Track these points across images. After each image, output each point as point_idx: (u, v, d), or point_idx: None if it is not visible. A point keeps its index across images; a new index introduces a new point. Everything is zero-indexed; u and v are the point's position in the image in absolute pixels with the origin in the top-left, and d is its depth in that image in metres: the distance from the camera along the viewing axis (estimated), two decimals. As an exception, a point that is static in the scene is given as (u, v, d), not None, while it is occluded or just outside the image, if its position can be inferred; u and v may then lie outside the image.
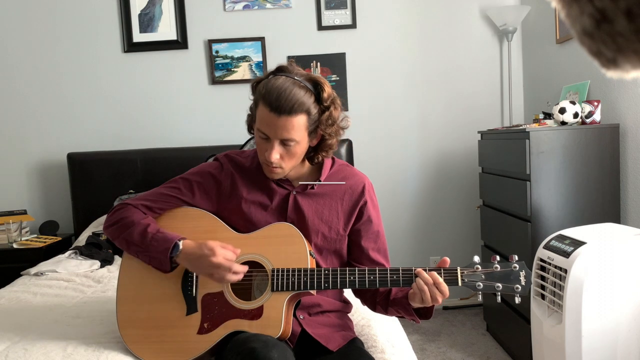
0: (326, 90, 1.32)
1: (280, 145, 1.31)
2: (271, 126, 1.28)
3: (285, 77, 1.30)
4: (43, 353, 1.41)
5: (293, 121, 1.27)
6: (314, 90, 1.31)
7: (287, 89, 1.27)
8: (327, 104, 1.31)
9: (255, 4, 3.27)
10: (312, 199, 1.41)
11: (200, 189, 1.43)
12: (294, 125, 1.28)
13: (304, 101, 1.28)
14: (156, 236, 1.34)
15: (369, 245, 1.44)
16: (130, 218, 1.39)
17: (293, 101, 1.26)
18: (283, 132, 1.28)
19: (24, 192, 3.35)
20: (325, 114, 1.32)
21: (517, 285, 1.25)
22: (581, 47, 0.39)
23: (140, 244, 1.36)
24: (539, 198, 2.24)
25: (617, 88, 2.32)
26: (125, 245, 1.40)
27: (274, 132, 1.29)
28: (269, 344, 1.19)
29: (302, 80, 1.30)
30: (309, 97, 1.29)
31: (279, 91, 1.27)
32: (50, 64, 3.29)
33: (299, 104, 1.27)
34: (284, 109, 1.26)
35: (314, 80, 1.32)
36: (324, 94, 1.30)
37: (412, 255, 3.42)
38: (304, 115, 1.28)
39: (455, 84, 3.33)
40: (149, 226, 1.36)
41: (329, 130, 1.34)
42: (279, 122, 1.27)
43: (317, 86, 1.31)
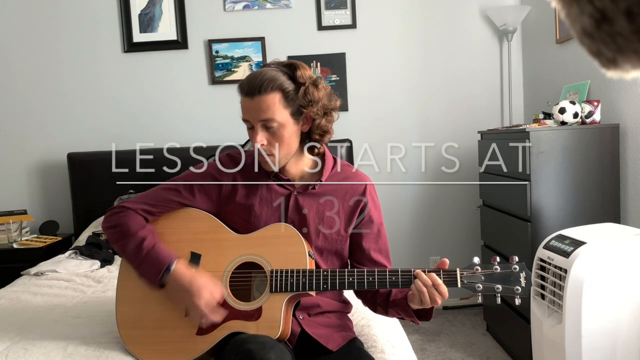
0: (301, 70, 1.33)
1: (264, 130, 1.32)
2: (248, 110, 1.31)
3: (261, 68, 1.35)
4: (43, 353, 1.41)
5: (266, 99, 1.29)
6: (289, 71, 1.33)
7: (259, 73, 1.31)
8: (302, 80, 1.32)
9: (255, 4, 3.27)
10: (313, 199, 1.41)
11: (201, 190, 1.43)
12: (268, 104, 1.29)
13: (275, 78, 1.30)
14: (150, 254, 1.34)
15: (371, 245, 1.44)
16: (128, 226, 1.38)
17: (263, 80, 1.29)
18: (260, 113, 1.30)
19: (24, 192, 3.35)
20: (301, 89, 1.32)
21: (517, 287, 1.25)
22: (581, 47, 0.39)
23: (133, 258, 1.36)
24: (539, 198, 2.24)
25: (617, 88, 2.32)
26: (120, 252, 1.41)
27: (252, 114, 1.31)
28: (267, 346, 1.19)
29: (276, 66, 1.34)
30: (282, 76, 1.31)
31: (251, 77, 1.32)
32: (50, 64, 3.29)
33: (269, 81, 1.29)
34: (254, 89, 1.29)
35: (291, 64, 1.35)
36: (298, 72, 1.32)
37: (412, 255, 3.42)
38: (278, 92, 1.30)
39: (455, 84, 3.33)
40: (145, 240, 1.35)
41: (314, 109, 1.33)
42: (253, 104, 1.30)
43: (292, 67, 1.34)
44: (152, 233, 1.40)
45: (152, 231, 1.40)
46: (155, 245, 1.35)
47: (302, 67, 1.34)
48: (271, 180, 1.42)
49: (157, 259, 1.33)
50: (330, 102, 1.38)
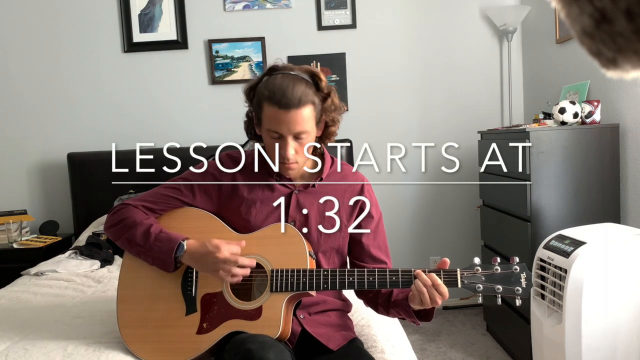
0: (323, 79, 1.36)
1: (294, 140, 1.33)
2: (283, 123, 1.30)
3: (282, 75, 1.33)
4: (43, 353, 1.41)
5: (302, 113, 1.30)
6: (312, 81, 1.34)
7: (289, 84, 1.30)
8: (326, 91, 1.35)
9: (255, 4, 3.27)
10: (313, 197, 1.42)
11: (201, 189, 1.43)
12: (304, 117, 1.31)
13: (307, 92, 1.31)
14: (159, 236, 1.35)
15: (370, 242, 1.45)
16: (132, 218, 1.39)
17: (298, 94, 1.29)
18: (295, 126, 1.31)
19: (24, 192, 3.35)
20: (327, 101, 1.36)
21: (517, 288, 1.24)
22: (581, 47, 0.39)
23: (143, 245, 1.36)
24: (539, 198, 2.24)
25: (617, 88, 2.32)
26: (127, 245, 1.40)
27: (287, 128, 1.31)
28: (266, 345, 1.19)
29: (298, 74, 1.34)
30: (310, 88, 1.32)
31: (282, 88, 1.29)
32: (50, 64, 3.29)
33: (304, 95, 1.30)
34: (292, 104, 1.29)
35: (309, 72, 1.36)
36: (322, 83, 1.35)
37: (412, 255, 3.42)
38: (310, 105, 1.32)
39: (455, 84, 3.33)
40: (152, 226, 1.37)
41: (331, 117, 1.39)
42: (289, 117, 1.30)
43: (314, 77, 1.35)
44: (156, 222, 1.41)
45: (155, 220, 1.41)
46: (162, 230, 1.37)
47: (322, 75, 1.37)
48: (272, 179, 1.42)
49: (168, 240, 1.34)
50: (342, 107, 1.43)
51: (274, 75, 1.33)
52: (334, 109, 1.39)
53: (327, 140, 1.44)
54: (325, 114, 1.37)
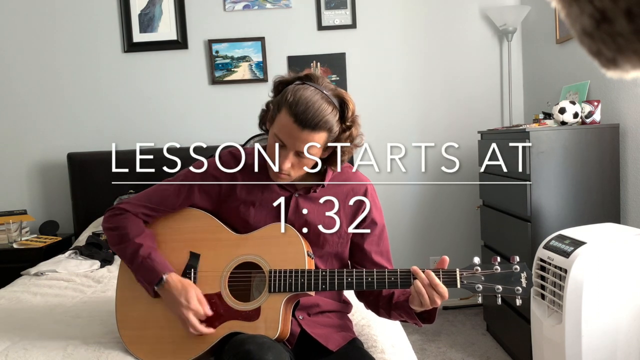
0: (350, 108, 1.30)
1: (295, 156, 1.30)
2: (291, 137, 1.27)
3: (314, 89, 1.27)
4: (43, 353, 1.41)
5: (314, 137, 1.26)
6: (339, 108, 1.29)
7: (315, 103, 1.24)
8: (349, 123, 1.30)
9: (255, 4, 3.27)
10: (314, 202, 1.40)
11: (200, 189, 1.42)
12: (315, 140, 1.26)
13: (329, 119, 1.26)
14: (145, 262, 1.35)
15: (372, 248, 1.43)
16: (126, 231, 1.39)
17: (319, 118, 1.24)
18: (302, 145, 1.27)
19: (24, 192, 3.35)
20: (346, 133, 1.30)
21: (517, 287, 1.23)
22: (581, 47, 0.39)
23: (130, 263, 1.39)
24: (539, 198, 2.24)
25: (617, 88, 2.32)
26: (119, 254, 1.43)
27: (293, 143, 1.27)
28: (265, 346, 1.18)
29: (329, 95, 1.28)
30: (334, 116, 1.27)
31: (307, 104, 1.24)
32: (50, 64, 3.29)
33: (324, 121, 1.25)
34: (309, 124, 1.24)
35: (341, 97, 1.30)
36: (348, 113, 1.29)
37: (412, 255, 3.42)
38: (326, 132, 1.27)
39: (455, 84, 3.33)
40: (141, 248, 1.36)
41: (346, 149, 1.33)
42: (301, 135, 1.25)
43: (343, 104, 1.29)
44: (150, 238, 1.40)
45: (150, 236, 1.40)
46: (150, 254, 1.36)
47: (351, 103, 1.30)
48: (272, 181, 1.41)
49: (151, 269, 1.35)
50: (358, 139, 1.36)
51: (307, 86, 1.28)
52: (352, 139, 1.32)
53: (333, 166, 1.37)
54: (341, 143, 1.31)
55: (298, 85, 1.29)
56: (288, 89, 1.29)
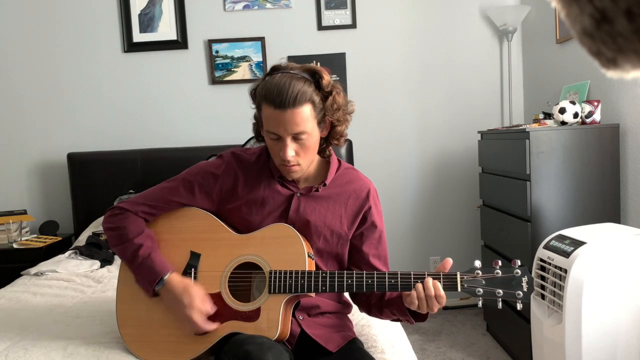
0: (325, 77, 1.31)
1: (293, 141, 1.30)
2: (280, 123, 1.27)
3: (281, 74, 1.29)
4: (43, 353, 1.41)
5: (300, 112, 1.26)
6: (313, 79, 1.30)
7: (285, 82, 1.26)
8: (328, 89, 1.30)
9: (255, 4, 3.27)
10: (315, 201, 1.40)
11: (201, 189, 1.42)
12: (302, 117, 1.27)
13: (305, 90, 1.26)
14: (145, 262, 1.35)
15: (370, 251, 1.43)
16: (126, 231, 1.39)
17: (295, 92, 1.25)
18: (293, 126, 1.27)
19: (24, 192, 3.35)
20: (329, 99, 1.30)
21: (518, 292, 1.23)
22: (581, 47, 0.39)
23: (130, 263, 1.39)
24: (539, 198, 2.24)
25: (617, 88, 2.32)
26: (119, 254, 1.43)
27: (284, 128, 1.27)
28: (264, 347, 1.18)
29: (298, 72, 1.30)
30: (309, 86, 1.28)
31: (279, 87, 1.26)
32: (50, 64, 3.29)
33: (301, 93, 1.25)
34: (287, 103, 1.25)
35: (311, 70, 1.32)
36: (323, 81, 1.30)
37: (412, 255, 3.42)
38: (309, 104, 1.27)
39: (455, 84, 3.33)
40: (141, 248, 1.36)
41: (336, 116, 1.34)
42: (286, 117, 1.26)
43: (315, 74, 1.31)
44: (150, 238, 1.40)
45: (150, 236, 1.40)
46: (150, 255, 1.36)
47: (324, 73, 1.31)
48: (274, 180, 1.41)
49: (151, 269, 1.34)
50: (348, 107, 1.38)
51: (274, 75, 1.30)
52: (337, 108, 1.33)
53: (334, 141, 1.39)
54: (328, 114, 1.32)
55: (266, 79, 1.31)
56: (258, 87, 1.32)
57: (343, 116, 1.36)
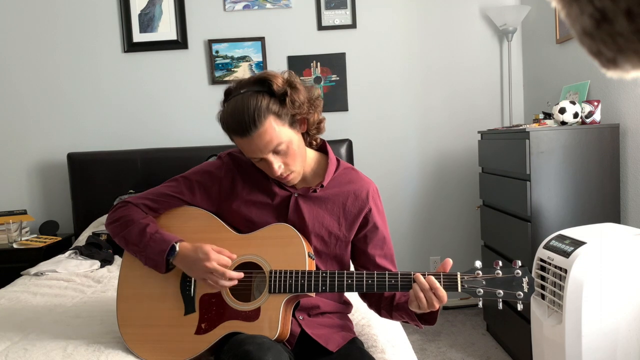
0: (274, 81, 1.27)
1: (276, 156, 1.29)
2: (253, 148, 1.27)
3: (233, 99, 1.27)
4: (43, 353, 1.41)
5: (266, 130, 1.24)
6: (264, 88, 1.27)
7: (238, 108, 1.24)
8: (281, 92, 1.26)
9: (255, 4, 3.27)
10: (313, 202, 1.39)
11: (201, 188, 1.43)
12: (270, 133, 1.25)
13: (261, 105, 1.24)
14: (154, 237, 1.34)
15: (376, 252, 1.43)
16: (130, 217, 1.39)
17: (251, 114, 1.23)
18: (267, 145, 1.26)
19: (24, 192, 3.35)
20: (287, 100, 1.26)
21: (519, 292, 1.23)
22: (581, 47, 0.39)
23: (137, 244, 1.36)
24: (539, 198, 2.24)
25: (617, 88, 2.32)
26: (124, 243, 1.40)
27: (259, 151, 1.27)
28: (264, 347, 1.18)
29: (248, 89, 1.27)
30: (265, 98, 1.25)
31: (234, 115, 1.25)
32: (50, 64, 3.29)
33: (257, 112, 1.23)
34: (249, 127, 1.23)
35: (260, 79, 1.29)
36: (274, 87, 1.26)
37: (412, 255, 3.42)
38: (270, 116, 1.25)
39: (455, 84, 3.34)
40: (148, 226, 1.36)
41: (303, 111, 1.31)
42: (255, 141, 1.25)
43: (264, 82, 1.28)
44: (154, 222, 1.41)
45: (153, 220, 1.41)
46: (158, 230, 1.37)
47: (274, 77, 1.28)
48: (272, 180, 1.41)
49: (161, 240, 1.34)
50: (311, 93, 1.35)
51: (228, 102, 1.29)
52: (301, 103, 1.29)
53: (313, 131, 1.37)
54: (295, 112, 1.29)
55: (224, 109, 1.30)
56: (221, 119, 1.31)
57: (310, 107, 1.33)
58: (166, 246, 1.33)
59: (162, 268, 1.35)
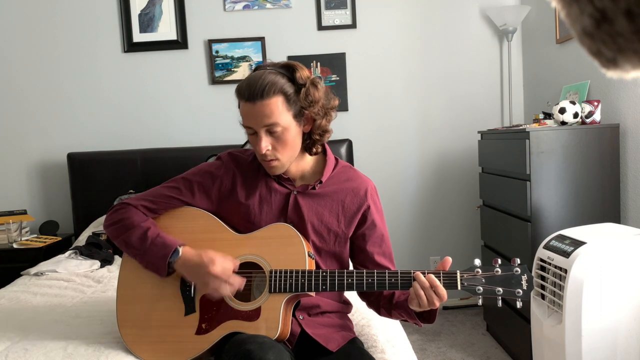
0: (300, 71, 1.31)
1: (268, 135, 1.30)
2: (250, 116, 1.29)
3: (259, 71, 1.31)
4: (43, 353, 1.41)
5: (270, 104, 1.26)
6: (288, 73, 1.31)
7: (258, 77, 1.28)
8: (302, 82, 1.30)
9: (255, 4, 3.27)
10: (312, 199, 1.40)
11: (200, 189, 1.43)
12: (272, 108, 1.27)
13: (276, 81, 1.27)
14: (156, 241, 1.34)
15: (374, 249, 1.43)
16: (131, 220, 1.38)
17: (264, 84, 1.26)
18: (263, 119, 1.27)
19: (24, 192, 3.35)
20: (302, 91, 1.30)
21: (518, 290, 1.23)
22: (581, 47, 0.39)
23: (138, 248, 1.36)
24: (539, 198, 2.24)
25: (617, 88, 2.32)
26: (124, 246, 1.40)
27: (255, 120, 1.29)
28: (265, 346, 1.18)
29: (274, 68, 1.31)
30: (281, 78, 1.29)
31: (250, 81, 1.28)
32: (50, 63, 3.29)
33: (270, 84, 1.26)
34: (256, 94, 1.26)
35: (288, 65, 1.32)
36: (297, 74, 1.30)
37: (412, 255, 3.42)
38: (280, 95, 1.28)
39: (455, 84, 3.34)
40: (149, 230, 1.36)
41: (315, 110, 1.32)
42: (256, 109, 1.27)
43: (290, 69, 1.32)
44: (155, 225, 1.40)
45: (154, 223, 1.41)
46: (159, 234, 1.36)
47: (300, 68, 1.32)
48: (271, 180, 1.41)
49: (163, 245, 1.34)
50: (329, 101, 1.37)
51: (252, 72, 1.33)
52: (314, 101, 1.31)
53: (316, 136, 1.37)
54: (305, 107, 1.30)
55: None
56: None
57: (322, 110, 1.35)
58: (169, 250, 1.32)
59: (163, 272, 1.35)
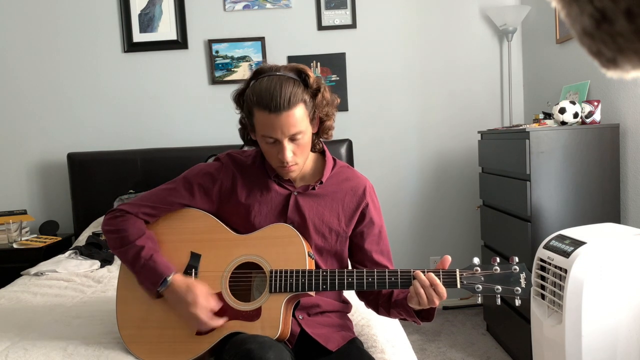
0: (310, 75, 1.33)
1: (290, 142, 1.31)
2: (276, 127, 1.28)
3: (269, 77, 1.30)
4: (43, 353, 1.41)
5: (294, 114, 1.27)
6: (300, 79, 1.31)
7: (276, 86, 1.27)
8: (315, 87, 1.32)
9: (255, 4, 3.27)
10: (313, 199, 1.41)
11: (200, 189, 1.43)
12: (297, 118, 1.28)
13: (296, 92, 1.28)
14: (147, 264, 1.35)
15: (372, 247, 1.44)
16: (127, 233, 1.39)
17: (287, 95, 1.26)
18: (289, 128, 1.28)
19: (24, 192, 3.35)
20: (318, 96, 1.33)
21: (517, 288, 1.24)
22: (581, 47, 0.39)
23: (132, 267, 1.38)
24: (539, 198, 2.24)
25: (617, 88, 2.32)
26: (119, 258, 1.42)
27: (281, 131, 1.28)
28: (266, 345, 1.19)
29: (285, 73, 1.31)
30: (299, 86, 1.29)
31: (270, 91, 1.26)
32: (50, 64, 3.29)
33: (293, 95, 1.27)
34: (282, 105, 1.26)
35: (296, 69, 1.33)
36: (310, 80, 1.31)
37: (412, 255, 3.42)
38: (302, 104, 1.29)
39: (455, 84, 3.34)
40: (143, 250, 1.36)
41: (325, 111, 1.36)
42: (282, 120, 1.27)
43: (301, 73, 1.32)
44: (151, 240, 1.40)
45: (151, 238, 1.40)
46: (152, 256, 1.36)
47: (309, 71, 1.34)
48: (271, 180, 1.42)
49: (154, 271, 1.34)
50: (334, 101, 1.40)
51: (261, 79, 1.30)
52: (326, 103, 1.35)
53: (324, 135, 1.42)
54: (318, 110, 1.34)
55: (253, 84, 1.31)
56: (246, 93, 1.32)
57: (331, 110, 1.39)
58: (158, 279, 1.34)
59: (153, 296, 1.37)
